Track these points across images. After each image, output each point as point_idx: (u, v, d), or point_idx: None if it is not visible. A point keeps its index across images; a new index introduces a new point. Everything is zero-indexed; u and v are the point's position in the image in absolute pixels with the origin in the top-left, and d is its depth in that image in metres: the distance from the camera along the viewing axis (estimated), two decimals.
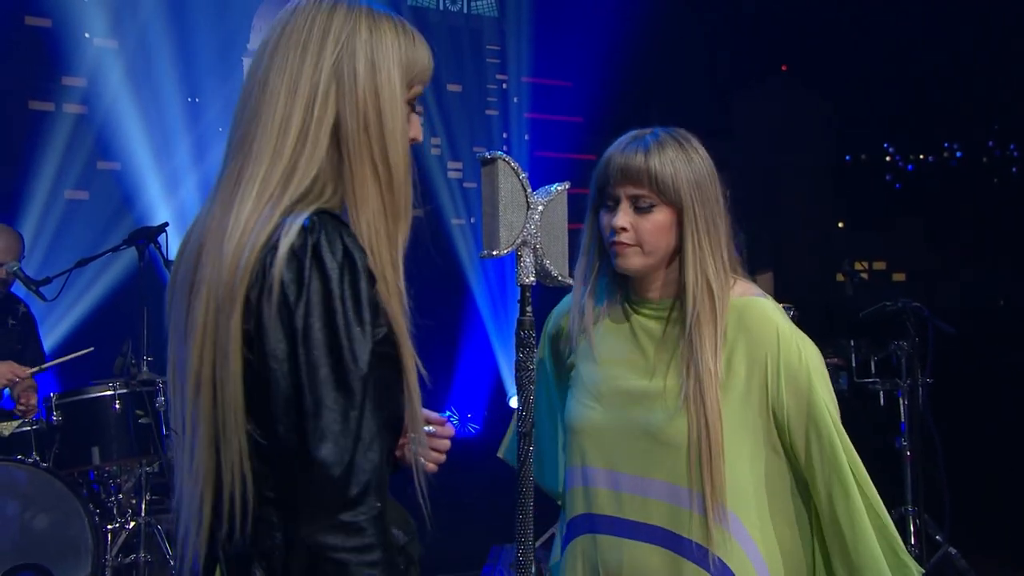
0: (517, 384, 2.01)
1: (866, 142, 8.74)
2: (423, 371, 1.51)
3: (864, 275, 7.22)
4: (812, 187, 8.52)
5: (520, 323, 1.99)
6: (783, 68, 8.56)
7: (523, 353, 1.98)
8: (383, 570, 1.34)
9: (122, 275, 5.85)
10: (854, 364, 4.64)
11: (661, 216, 2.00)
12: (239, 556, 1.43)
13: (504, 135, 8.13)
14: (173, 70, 6.59)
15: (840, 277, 5.17)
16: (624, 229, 2.01)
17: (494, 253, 1.94)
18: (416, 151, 1.64)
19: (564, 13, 8.01)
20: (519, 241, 1.95)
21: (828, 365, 3.76)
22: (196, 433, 1.44)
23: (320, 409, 1.34)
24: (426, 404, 1.56)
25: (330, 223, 1.40)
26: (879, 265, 8.72)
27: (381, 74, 1.48)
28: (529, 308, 1.99)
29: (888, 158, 8.86)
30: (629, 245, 2.01)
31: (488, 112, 8.09)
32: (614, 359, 2.08)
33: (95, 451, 4.04)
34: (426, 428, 1.73)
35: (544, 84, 8.16)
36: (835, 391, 2.01)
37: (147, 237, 4.37)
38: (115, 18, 6.47)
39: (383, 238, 1.47)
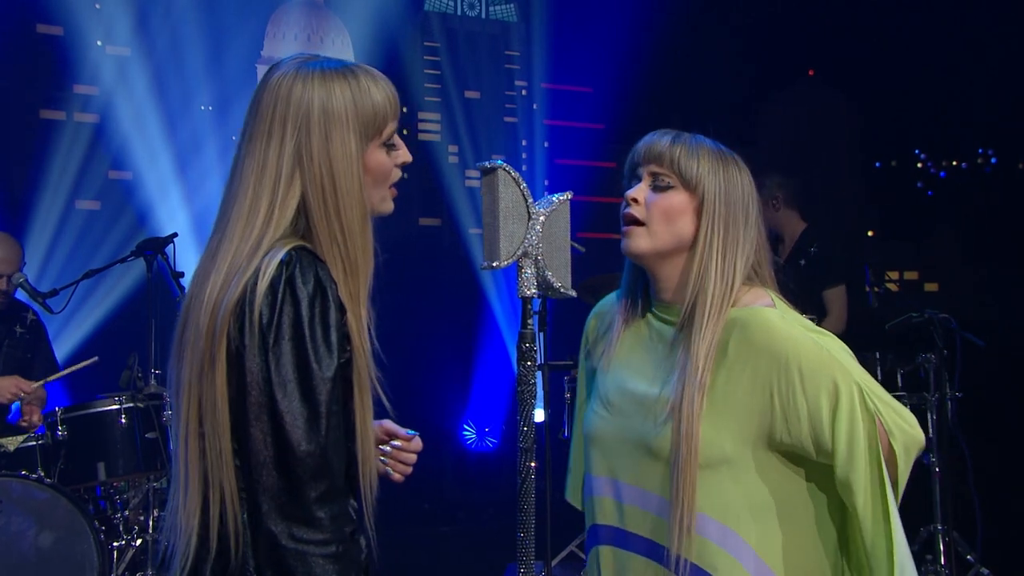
0: (519, 399, 2.01)
1: (897, 148, 8.68)
2: (381, 394, 1.75)
3: (890, 286, 7.16)
4: (841, 195, 8.46)
5: (521, 336, 1.99)
6: (810, 72, 8.52)
7: (524, 367, 1.98)
8: (341, 564, 1.57)
9: (132, 287, 5.88)
10: (879, 377, 4.59)
11: (677, 198, 1.99)
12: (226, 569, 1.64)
13: (523, 142, 8.13)
14: (186, 78, 6.64)
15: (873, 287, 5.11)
16: (635, 200, 2.00)
17: (494, 265, 1.95)
18: (434, 159, 1.89)
19: (584, 18, 8.00)
20: (520, 252, 1.95)
21: None
22: (187, 476, 1.67)
23: (289, 417, 1.57)
24: (444, 418, 1.75)
25: (306, 257, 1.64)
26: (911, 275, 8.65)
27: (334, 143, 1.70)
28: (530, 321, 1.99)
29: (920, 164, 8.79)
30: (637, 224, 2.00)
31: (507, 119, 8.09)
32: (626, 364, 2.07)
33: (101, 467, 4.07)
34: (394, 442, 2.03)
35: (564, 90, 8.15)
36: None
37: (155, 248, 4.39)
38: (128, 26, 6.52)
39: (346, 295, 1.69)
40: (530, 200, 1.95)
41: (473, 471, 7.38)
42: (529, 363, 1.97)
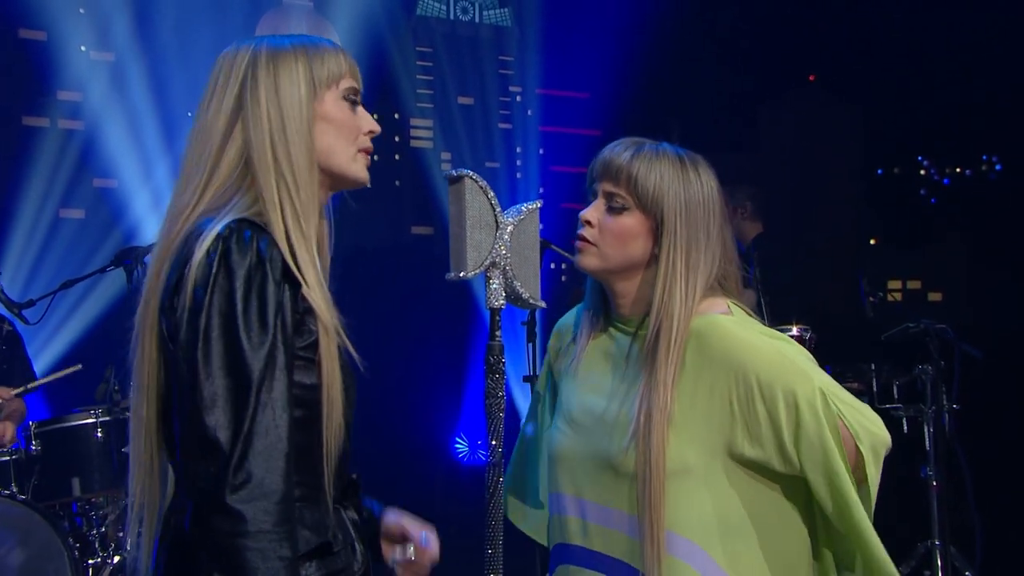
0: (487, 412, 2.00)
1: (899, 155, 8.67)
2: (360, 365, 1.73)
3: (893, 295, 7.16)
4: (843, 202, 8.45)
5: (489, 348, 1.99)
6: (811, 78, 8.51)
7: (492, 380, 1.98)
8: (259, 556, 1.47)
9: (113, 297, 5.87)
10: (875, 389, 4.59)
11: (630, 221, 1.98)
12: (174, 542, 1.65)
13: (518, 149, 8.12)
14: (172, 84, 6.63)
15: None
16: (588, 223, 2.00)
17: (461, 275, 1.94)
18: (426, 167, 1.95)
19: (580, 22, 8.00)
20: (488, 262, 1.95)
21: (848, 390, 3.69)
22: (137, 442, 1.69)
23: (214, 399, 1.52)
24: (435, 430, 1.77)
25: (247, 228, 1.61)
26: (914, 284, 8.62)
27: (283, 89, 1.72)
28: (498, 333, 1.99)
29: (923, 171, 8.77)
30: (589, 243, 2.00)
31: (501, 126, 8.08)
32: (588, 380, 2.07)
33: (76, 482, 4.05)
34: (408, 549, 1.87)
35: (559, 96, 8.15)
36: None
37: (134, 258, 4.38)
38: (111, 30, 6.52)
39: (299, 237, 1.66)
40: (498, 209, 1.95)
41: (466, 485, 7.36)
42: (497, 376, 1.97)
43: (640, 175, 1.97)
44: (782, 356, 1.88)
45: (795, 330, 4.49)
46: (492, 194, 1.94)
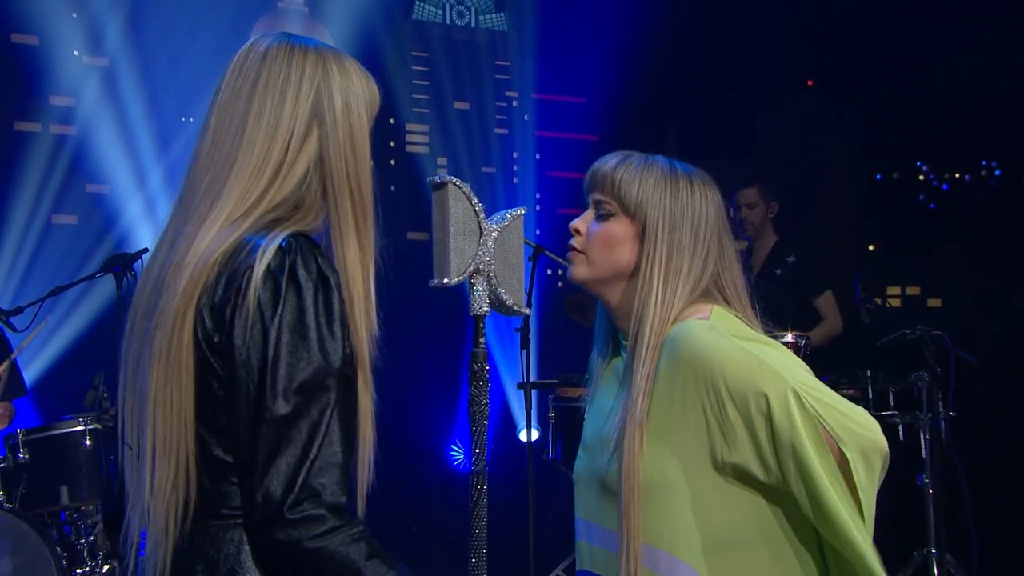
0: (470, 420, 2.00)
1: (898, 160, 8.67)
2: (374, 395, 1.67)
3: (892, 301, 7.15)
4: (841, 208, 8.46)
5: (473, 355, 1.99)
6: (809, 83, 8.52)
7: (476, 387, 1.98)
8: (355, 540, 1.48)
9: (103, 304, 5.87)
10: (871, 396, 4.58)
11: (615, 227, 1.99)
12: (184, 566, 1.58)
13: (514, 154, 8.13)
14: (165, 88, 6.64)
15: (876, 301, 5.12)
16: (577, 231, 2.01)
17: (444, 282, 1.94)
18: (422, 172, 1.92)
19: (577, 26, 8.01)
20: (471, 269, 1.95)
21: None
22: (156, 452, 1.59)
23: (278, 417, 1.49)
24: (431, 437, 1.73)
25: (305, 244, 1.58)
26: (913, 290, 8.62)
27: (353, 112, 1.69)
28: (483, 340, 1.99)
29: (922, 177, 8.78)
30: (579, 252, 2.01)
31: (497, 130, 8.09)
32: (599, 403, 2.08)
33: (64, 490, 4.04)
34: None
35: (556, 101, 8.15)
36: None
37: (123, 264, 4.37)
38: (104, 35, 6.53)
39: (359, 268, 1.66)
40: (482, 216, 1.95)
41: (461, 491, 7.34)
42: (481, 383, 1.97)
43: (624, 180, 1.98)
44: (751, 358, 1.83)
45: (790, 336, 4.50)
46: (476, 200, 1.94)
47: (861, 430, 1.82)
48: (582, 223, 2.03)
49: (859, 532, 1.79)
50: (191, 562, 1.58)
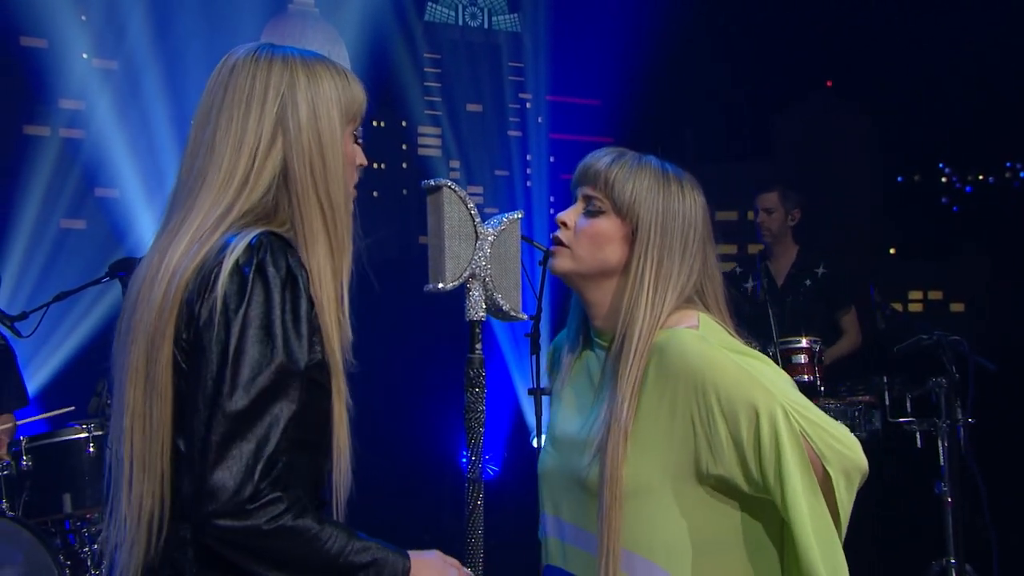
0: (466, 427, 2.00)
1: (920, 162, 8.62)
2: (349, 402, 1.70)
3: (904, 308, 7.10)
4: (862, 211, 8.41)
5: (469, 361, 1.99)
6: (828, 84, 8.48)
7: (472, 394, 1.98)
8: (304, 513, 1.53)
9: (108, 309, 5.89)
10: (888, 402, 4.55)
11: (605, 225, 1.99)
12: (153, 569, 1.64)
13: (528, 157, 8.12)
14: (175, 92, 6.66)
15: (897, 306, 5.09)
16: (564, 224, 2.01)
17: (439, 286, 1.95)
18: (434, 175, 1.95)
19: (591, 27, 8.00)
20: (467, 274, 1.95)
21: (859, 403, 3.66)
22: (133, 467, 1.65)
23: (239, 415, 1.51)
24: (443, 444, 1.77)
25: (276, 243, 1.61)
26: (935, 295, 8.57)
27: (322, 119, 1.71)
28: (479, 345, 1.99)
29: (944, 179, 8.72)
30: (564, 245, 2.01)
31: (511, 133, 8.09)
32: (568, 398, 2.07)
33: (67, 498, 4.04)
34: None
35: (570, 103, 8.15)
36: (868, 431, 1.90)
37: (127, 269, 4.37)
38: (114, 38, 6.56)
39: (328, 275, 1.67)
40: (477, 220, 1.96)
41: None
42: (477, 390, 1.97)
43: (618, 179, 1.98)
44: (743, 373, 1.84)
45: (804, 342, 4.47)
46: (471, 204, 1.95)
47: (845, 449, 1.84)
48: (570, 216, 2.03)
49: (821, 562, 1.79)
50: (160, 566, 1.63)
